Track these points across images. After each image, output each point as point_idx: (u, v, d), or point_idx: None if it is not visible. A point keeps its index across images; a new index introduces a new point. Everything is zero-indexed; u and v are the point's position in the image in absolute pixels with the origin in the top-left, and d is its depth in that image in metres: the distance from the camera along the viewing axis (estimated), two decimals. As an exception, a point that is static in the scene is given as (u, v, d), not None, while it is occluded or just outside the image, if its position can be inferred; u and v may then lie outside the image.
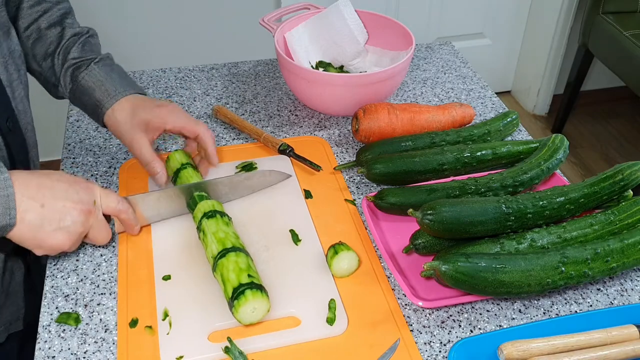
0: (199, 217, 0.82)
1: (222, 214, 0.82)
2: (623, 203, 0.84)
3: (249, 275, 0.73)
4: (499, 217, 0.79)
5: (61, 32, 0.93)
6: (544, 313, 0.78)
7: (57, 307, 0.76)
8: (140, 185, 0.93)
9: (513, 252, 0.77)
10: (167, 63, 1.50)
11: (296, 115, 1.12)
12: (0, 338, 0.91)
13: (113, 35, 2.13)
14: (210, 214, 0.82)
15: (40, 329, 0.74)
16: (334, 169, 0.97)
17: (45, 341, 0.73)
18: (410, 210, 0.79)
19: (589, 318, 0.74)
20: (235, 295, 0.71)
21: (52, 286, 0.79)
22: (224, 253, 0.76)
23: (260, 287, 0.72)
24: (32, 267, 0.93)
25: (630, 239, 0.77)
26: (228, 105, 1.14)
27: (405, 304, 0.78)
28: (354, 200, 0.93)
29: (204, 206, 0.83)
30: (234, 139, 1.05)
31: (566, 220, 0.83)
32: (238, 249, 0.77)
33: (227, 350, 0.70)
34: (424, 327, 0.75)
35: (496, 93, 1.20)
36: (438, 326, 0.75)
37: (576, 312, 0.78)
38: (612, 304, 0.79)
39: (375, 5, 2.30)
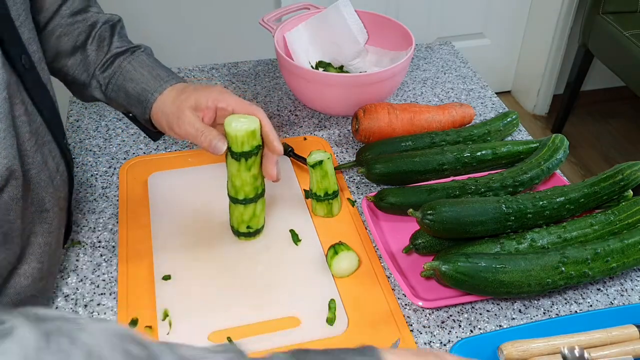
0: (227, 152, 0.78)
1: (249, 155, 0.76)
2: (623, 203, 0.84)
3: (248, 227, 0.83)
4: (499, 217, 0.79)
5: (89, 20, 0.83)
6: (544, 313, 0.78)
7: (57, 307, 0.76)
8: (141, 185, 0.94)
9: (513, 252, 0.77)
10: (168, 63, 1.50)
11: (296, 115, 1.12)
12: None
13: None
14: (237, 156, 0.77)
15: (40, 329, 0.74)
16: (334, 169, 0.97)
17: (45, 341, 0.72)
18: (410, 210, 0.79)
19: (589, 318, 0.74)
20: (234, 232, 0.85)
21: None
22: (234, 200, 0.81)
23: (256, 232, 0.84)
24: None
25: (630, 239, 0.77)
26: (228, 105, 1.13)
27: (405, 304, 0.78)
28: (354, 200, 0.93)
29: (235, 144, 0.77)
30: (234, 139, 1.05)
31: (566, 220, 0.83)
32: (249, 200, 0.80)
33: (227, 350, 0.70)
34: (424, 327, 0.75)
35: (496, 93, 1.20)
36: (438, 326, 0.75)
37: (576, 312, 0.78)
38: (612, 304, 0.79)
39: (375, 5, 2.30)
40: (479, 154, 0.94)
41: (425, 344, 0.73)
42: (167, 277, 0.79)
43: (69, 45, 0.82)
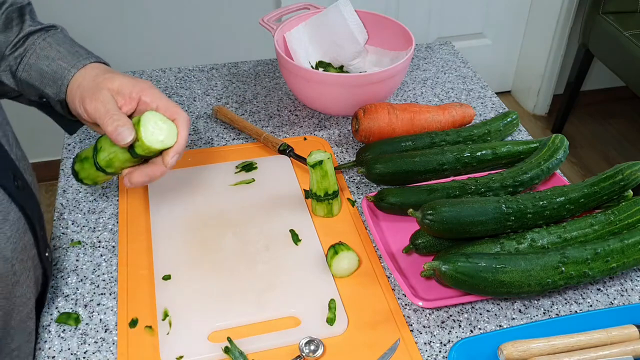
0: None
1: None
2: (623, 203, 0.84)
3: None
4: (499, 217, 0.79)
5: None
6: (544, 313, 0.78)
7: (57, 307, 0.76)
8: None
9: (513, 252, 0.77)
10: (167, 63, 1.50)
11: (296, 115, 1.12)
12: None
13: (113, 35, 2.12)
14: (135, 154, 0.74)
15: (40, 329, 0.74)
16: (334, 169, 0.97)
17: (45, 341, 0.73)
18: (410, 210, 0.79)
19: (589, 318, 0.74)
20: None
21: (52, 286, 0.79)
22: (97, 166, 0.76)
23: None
24: None
25: (630, 239, 0.77)
26: (228, 105, 1.14)
27: (405, 304, 0.78)
28: (354, 200, 0.93)
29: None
30: (234, 139, 1.05)
31: (566, 220, 0.83)
32: (110, 173, 0.76)
33: (227, 350, 0.70)
34: (424, 327, 0.75)
35: (496, 93, 1.20)
36: (438, 326, 0.75)
37: (576, 312, 0.78)
38: (612, 304, 0.79)
39: (375, 5, 2.30)
40: (479, 154, 0.94)
41: (425, 344, 0.73)
42: (167, 277, 0.79)
43: None
